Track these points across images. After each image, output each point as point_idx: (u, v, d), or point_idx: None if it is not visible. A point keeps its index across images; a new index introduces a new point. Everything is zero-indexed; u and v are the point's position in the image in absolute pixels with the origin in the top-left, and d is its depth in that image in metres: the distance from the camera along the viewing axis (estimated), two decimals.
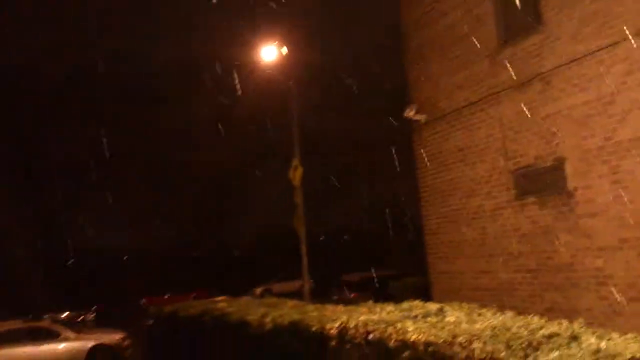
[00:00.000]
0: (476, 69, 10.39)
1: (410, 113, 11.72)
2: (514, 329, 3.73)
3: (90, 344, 15.58)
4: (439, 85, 11.37)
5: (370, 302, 5.93)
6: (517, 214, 9.54)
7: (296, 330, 5.97)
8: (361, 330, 4.80)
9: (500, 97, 9.85)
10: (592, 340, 3.28)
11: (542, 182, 9.08)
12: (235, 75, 22.02)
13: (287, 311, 6.91)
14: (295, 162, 15.67)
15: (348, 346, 4.93)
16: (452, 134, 11.03)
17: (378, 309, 5.40)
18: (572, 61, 8.54)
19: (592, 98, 8.24)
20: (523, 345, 3.45)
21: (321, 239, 34.55)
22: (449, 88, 11.08)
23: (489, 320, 4.12)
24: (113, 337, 16.13)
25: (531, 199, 9.27)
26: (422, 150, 11.92)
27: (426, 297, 5.59)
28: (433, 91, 11.54)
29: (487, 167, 10.16)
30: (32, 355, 14.89)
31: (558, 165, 8.79)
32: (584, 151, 8.37)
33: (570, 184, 8.59)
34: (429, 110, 11.65)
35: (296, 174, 15.51)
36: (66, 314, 25.90)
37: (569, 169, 8.63)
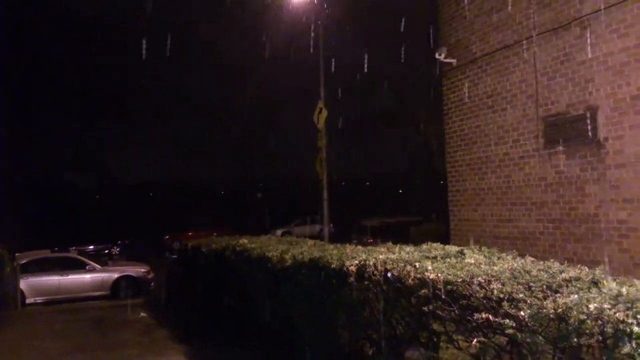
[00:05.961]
0: (514, 9, 9.99)
1: (440, 55, 11.43)
2: (533, 272, 3.69)
3: (115, 275, 16.11)
4: (472, 27, 11.01)
5: (389, 243, 5.94)
6: (544, 163, 9.38)
7: (316, 266, 6.04)
8: (380, 267, 4.82)
9: (536, 41, 9.51)
10: (613, 285, 3.23)
11: (572, 131, 8.86)
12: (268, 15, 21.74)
13: (307, 249, 7.00)
14: (320, 104, 15.51)
15: (366, 283, 4.99)
16: (482, 79, 10.76)
17: (397, 249, 5.41)
18: (612, 5, 8.16)
19: (631, 45, 7.91)
20: (542, 287, 3.42)
21: (343, 183, 34.61)
22: (483, 29, 10.73)
23: (508, 263, 4.09)
24: (137, 270, 16.64)
25: (559, 148, 9.08)
26: (450, 95, 11.70)
27: (446, 243, 5.55)
28: (466, 33, 11.19)
29: (517, 114, 9.93)
30: (60, 284, 15.49)
31: (590, 114, 8.55)
32: (618, 100, 8.11)
33: (601, 133, 8.37)
34: (461, 53, 11.34)
35: (320, 117, 15.37)
36: (92, 247, 26.74)
37: (601, 118, 8.39)
